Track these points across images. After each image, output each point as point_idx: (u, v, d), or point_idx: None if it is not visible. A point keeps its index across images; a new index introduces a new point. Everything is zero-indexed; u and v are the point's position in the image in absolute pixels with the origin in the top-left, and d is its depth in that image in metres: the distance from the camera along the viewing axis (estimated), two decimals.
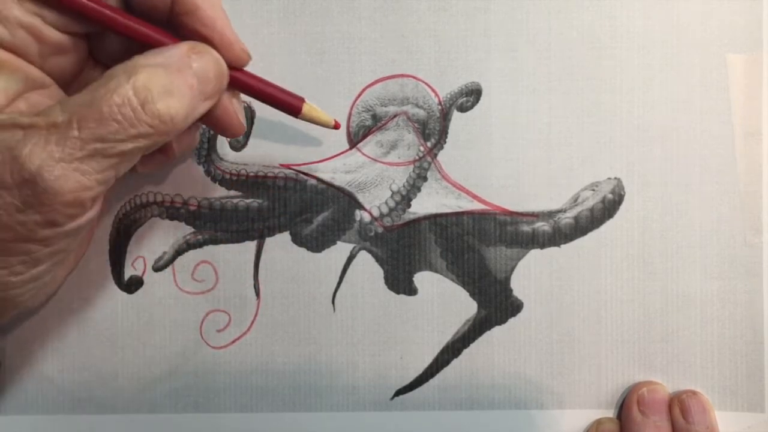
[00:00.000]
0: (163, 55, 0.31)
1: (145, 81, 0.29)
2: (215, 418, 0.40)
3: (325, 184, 0.40)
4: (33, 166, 0.28)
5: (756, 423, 0.40)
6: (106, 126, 0.29)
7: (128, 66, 0.30)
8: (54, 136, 0.28)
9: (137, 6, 0.32)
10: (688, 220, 0.40)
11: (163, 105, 0.30)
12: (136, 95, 0.29)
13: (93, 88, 0.29)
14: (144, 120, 0.29)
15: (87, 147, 0.29)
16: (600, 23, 0.40)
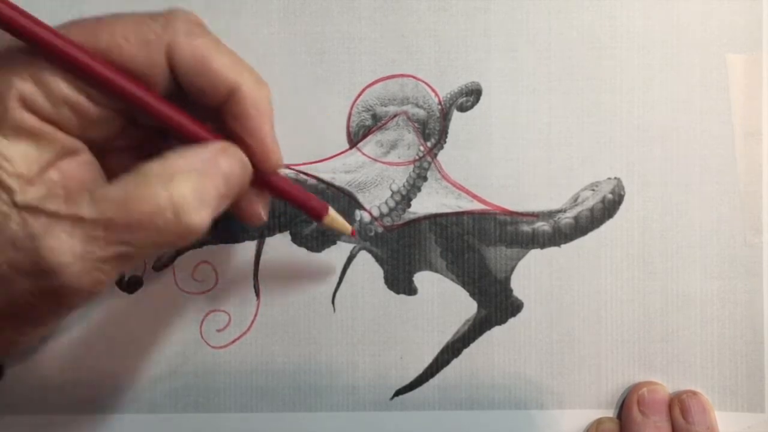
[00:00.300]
0: (198, 156, 0.30)
1: (182, 192, 0.29)
2: (215, 418, 0.40)
3: (325, 184, 0.40)
4: (53, 261, 0.27)
5: (756, 423, 0.40)
6: (135, 233, 0.28)
7: (165, 171, 0.29)
8: (79, 231, 0.28)
9: (187, 87, 0.31)
10: (688, 220, 0.40)
11: (197, 217, 0.29)
12: (171, 207, 0.29)
13: (125, 187, 0.29)
14: (174, 231, 0.29)
15: (110, 248, 0.28)
16: (600, 23, 0.40)
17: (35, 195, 0.28)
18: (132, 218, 0.28)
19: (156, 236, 0.29)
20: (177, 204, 0.29)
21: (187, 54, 0.30)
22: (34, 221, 0.28)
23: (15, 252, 0.27)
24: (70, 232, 0.28)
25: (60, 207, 0.28)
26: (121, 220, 0.28)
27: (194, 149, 0.30)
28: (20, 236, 0.27)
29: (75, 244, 0.28)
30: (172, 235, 0.29)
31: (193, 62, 0.30)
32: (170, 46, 0.30)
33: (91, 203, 0.28)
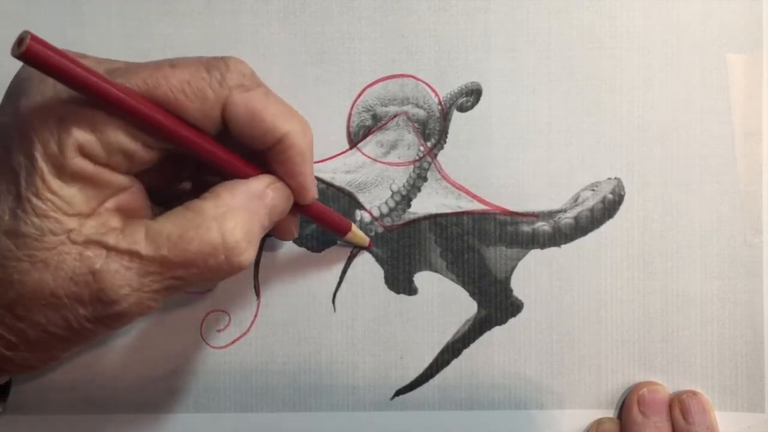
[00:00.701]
0: (246, 192, 0.32)
1: (234, 236, 0.31)
2: (215, 418, 0.40)
3: (325, 184, 0.40)
4: (112, 294, 0.29)
5: (756, 423, 0.40)
6: (187, 270, 0.30)
7: (218, 210, 0.31)
8: (135, 266, 0.29)
9: (237, 134, 0.32)
10: (688, 220, 0.40)
11: (245, 257, 0.31)
12: (223, 249, 0.30)
13: (180, 225, 0.30)
14: (224, 270, 0.31)
15: (164, 282, 0.30)
16: (600, 23, 0.40)
17: (93, 230, 0.29)
18: (186, 258, 0.30)
19: (206, 273, 0.31)
20: (229, 246, 0.30)
21: (241, 108, 0.31)
22: (93, 255, 0.29)
23: (75, 285, 0.29)
24: (128, 266, 0.29)
25: (118, 241, 0.29)
26: (176, 259, 0.30)
27: (242, 185, 0.32)
28: (79, 271, 0.29)
29: (132, 277, 0.30)
30: (221, 272, 0.31)
31: (245, 115, 0.31)
32: (225, 102, 0.31)
33: (147, 240, 0.30)
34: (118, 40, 0.40)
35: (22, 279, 0.29)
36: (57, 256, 0.29)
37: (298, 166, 0.33)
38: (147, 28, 0.40)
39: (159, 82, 0.30)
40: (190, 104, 0.30)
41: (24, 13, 0.40)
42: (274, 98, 0.32)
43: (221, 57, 0.32)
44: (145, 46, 0.40)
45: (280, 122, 0.32)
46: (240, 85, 0.31)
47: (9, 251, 0.29)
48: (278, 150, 0.32)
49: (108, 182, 0.30)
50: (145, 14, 0.40)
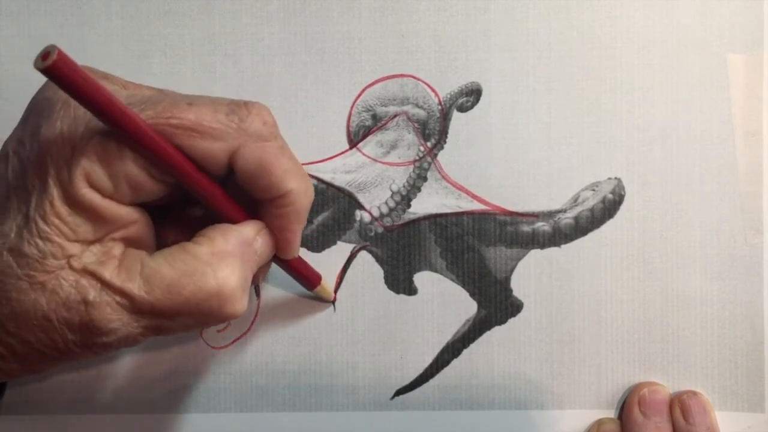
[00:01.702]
0: (239, 238, 0.32)
1: (229, 280, 0.31)
2: (215, 418, 0.40)
3: (325, 184, 0.40)
4: (102, 326, 0.30)
5: (756, 423, 0.40)
6: (179, 313, 0.31)
7: (213, 257, 0.31)
8: (128, 303, 0.30)
9: (240, 179, 0.32)
10: (688, 220, 0.40)
11: (239, 305, 0.31)
12: (217, 298, 0.31)
13: (176, 268, 0.30)
14: (215, 317, 0.31)
15: (154, 321, 0.31)
16: (600, 23, 0.40)
17: (92, 259, 0.30)
18: (179, 302, 0.30)
19: (197, 318, 0.31)
20: (224, 295, 0.31)
21: (253, 159, 0.31)
22: (88, 286, 0.29)
23: (67, 311, 0.29)
24: (120, 302, 0.30)
25: (113, 276, 0.30)
26: (168, 302, 0.30)
27: (234, 230, 0.32)
28: (73, 299, 0.29)
29: (122, 313, 0.30)
30: (212, 320, 0.31)
31: (256, 166, 0.31)
32: (238, 148, 0.31)
33: (143, 279, 0.30)
34: (118, 40, 0.40)
35: (19, 297, 0.29)
36: (55, 280, 0.29)
37: (291, 224, 0.33)
38: (147, 28, 0.40)
39: (174, 115, 0.30)
40: (200, 143, 0.30)
41: (24, 13, 0.40)
42: (288, 154, 0.32)
43: (245, 102, 0.31)
44: (145, 46, 0.40)
45: (287, 179, 0.32)
46: (257, 134, 0.31)
47: (10, 268, 0.29)
48: (277, 204, 0.32)
49: (114, 215, 0.30)
50: (145, 14, 0.40)
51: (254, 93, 0.40)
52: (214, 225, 0.32)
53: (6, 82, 0.40)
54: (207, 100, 0.31)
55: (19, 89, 0.40)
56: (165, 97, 0.31)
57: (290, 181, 0.32)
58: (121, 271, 0.30)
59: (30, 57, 0.39)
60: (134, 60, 0.40)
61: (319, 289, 0.39)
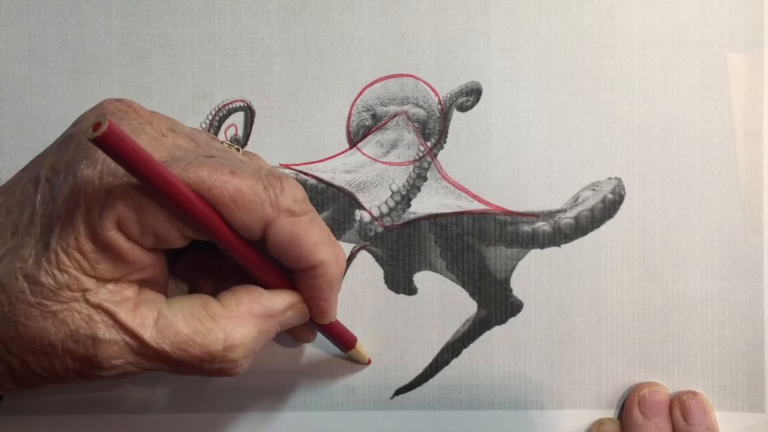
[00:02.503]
0: (269, 306, 0.33)
1: (237, 349, 0.32)
2: (215, 418, 0.40)
3: (325, 184, 0.40)
4: (104, 362, 0.30)
5: (756, 423, 0.40)
6: (181, 366, 0.31)
7: (232, 319, 0.32)
8: (136, 345, 0.31)
9: (272, 250, 0.32)
10: (688, 220, 0.40)
11: (239, 370, 0.33)
12: (221, 359, 0.31)
13: (192, 326, 0.31)
14: (213, 374, 0.32)
15: (155, 366, 0.31)
16: (600, 23, 0.40)
17: (107, 297, 0.30)
18: (184, 358, 0.31)
19: (194, 372, 0.32)
20: (227, 360, 0.32)
21: (285, 232, 0.31)
22: (100, 323, 0.30)
23: (74, 343, 0.30)
24: (129, 343, 0.30)
25: (128, 318, 0.30)
26: (175, 356, 0.31)
27: (265, 299, 0.33)
28: (83, 332, 0.30)
29: (128, 353, 0.31)
30: (207, 374, 0.32)
31: (287, 240, 0.32)
32: (272, 222, 0.31)
33: (156, 328, 0.31)
34: (118, 40, 0.40)
35: (27, 323, 0.29)
36: (67, 311, 0.30)
37: (325, 293, 0.34)
38: (147, 28, 0.40)
39: (216, 183, 0.30)
40: (238, 213, 0.30)
41: (24, 13, 0.40)
42: (318, 226, 0.33)
43: (279, 176, 0.32)
44: (145, 46, 0.40)
45: (318, 251, 0.32)
46: (289, 210, 0.31)
47: (23, 294, 0.29)
48: (309, 275, 0.33)
49: (137, 259, 0.30)
50: (145, 14, 0.40)
51: (254, 93, 0.40)
52: (248, 286, 0.33)
53: (6, 82, 0.40)
54: (247, 171, 0.31)
55: (20, 89, 0.40)
56: (207, 159, 0.31)
57: (320, 252, 0.32)
58: (137, 315, 0.30)
59: (30, 57, 0.40)
60: (134, 60, 0.40)
61: (354, 352, 0.39)
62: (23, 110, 0.40)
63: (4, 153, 0.40)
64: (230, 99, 0.40)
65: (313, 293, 0.34)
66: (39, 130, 0.40)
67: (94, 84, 0.40)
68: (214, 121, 0.40)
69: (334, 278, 0.33)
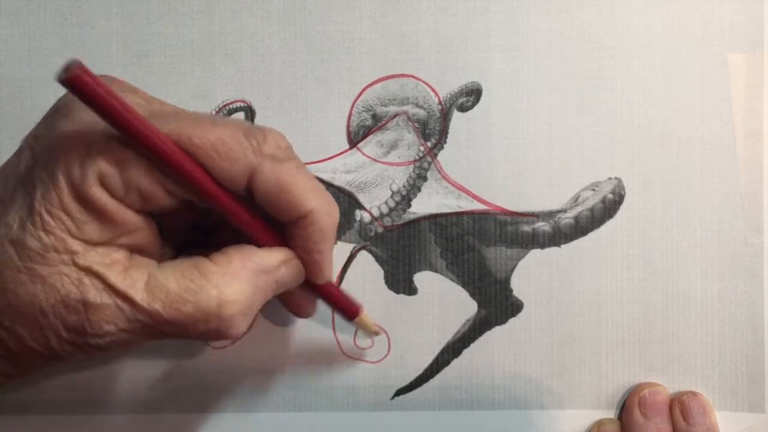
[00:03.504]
0: (261, 262, 0.32)
1: (232, 306, 0.31)
2: (215, 418, 0.40)
3: (325, 184, 0.40)
4: (98, 329, 0.30)
5: (756, 423, 0.40)
6: (176, 327, 0.30)
7: (224, 278, 0.31)
8: (127, 308, 0.30)
9: (261, 202, 0.32)
10: (688, 220, 0.40)
11: (236, 330, 0.31)
12: (217, 319, 0.30)
13: (181, 284, 0.30)
14: (212, 336, 0.31)
15: (149, 331, 0.31)
16: (600, 23, 0.40)
17: (97, 260, 0.29)
18: (177, 317, 0.30)
19: (192, 335, 0.31)
20: (223, 318, 0.31)
21: (271, 179, 0.31)
22: (90, 286, 0.29)
23: (65, 309, 0.29)
24: (120, 306, 0.30)
25: (118, 280, 0.30)
26: (167, 315, 0.30)
27: (257, 256, 0.32)
28: (73, 297, 0.29)
29: (120, 317, 0.30)
30: (208, 337, 0.32)
31: (274, 187, 0.31)
32: (256, 169, 0.31)
33: (147, 289, 0.30)
34: (118, 40, 0.40)
35: (17, 290, 0.29)
36: (56, 275, 0.29)
37: (318, 245, 0.33)
38: (147, 28, 0.40)
39: (197, 133, 0.30)
40: (220, 163, 0.30)
41: (24, 13, 0.40)
42: (305, 173, 0.32)
43: (261, 126, 0.32)
44: (145, 46, 0.40)
45: (307, 198, 0.32)
46: (273, 156, 0.31)
47: (10, 260, 0.29)
48: (301, 225, 0.32)
49: (123, 219, 0.30)
50: (145, 14, 0.40)
51: (254, 93, 0.40)
52: (239, 245, 0.32)
53: (6, 82, 0.40)
54: (228, 122, 0.31)
55: (20, 89, 0.40)
56: (188, 114, 0.31)
57: (311, 199, 0.32)
58: (127, 277, 0.30)
59: (30, 57, 0.40)
60: (134, 60, 0.40)
61: (359, 321, 0.38)
62: (23, 110, 0.40)
63: (3, 153, 0.40)
64: (230, 99, 0.40)
65: (306, 246, 0.33)
66: None
67: None
68: None
69: (326, 228, 0.32)
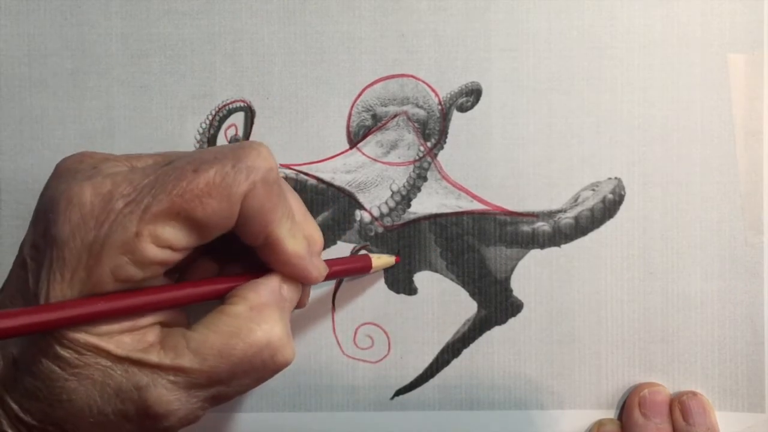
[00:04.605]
0: (268, 286, 0.32)
1: (274, 330, 0.31)
2: (215, 418, 0.40)
3: (325, 184, 0.40)
4: (161, 410, 0.29)
5: (756, 423, 0.40)
6: (235, 374, 0.31)
7: (253, 311, 0.31)
8: (182, 380, 0.30)
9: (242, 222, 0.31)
10: (688, 220, 0.40)
11: (288, 352, 0.32)
12: (269, 347, 0.31)
13: (221, 332, 0.30)
14: (270, 369, 0.32)
15: (212, 391, 0.30)
16: (600, 23, 0.40)
17: (131, 347, 0.29)
18: (233, 363, 0.30)
19: (252, 374, 0.31)
20: (274, 345, 0.31)
21: (255, 206, 0.31)
22: (139, 372, 0.29)
23: (121, 402, 0.29)
24: (174, 380, 0.30)
25: (161, 358, 0.29)
26: (222, 367, 0.30)
27: (261, 284, 0.32)
28: (125, 387, 0.29)
29: (179, 391, 0.30)
30: (267, 372, 0.32)
31: (257, 215, 0.31)
32: (247, 194, 0.30)
33: (191, 352, 0.30)
34: (118, 40, 0.40)
35: (70, 398, 0.29)
36: (102, 371, 0.29)
37: (293, 258, 0.33)
38: (147, 28, 0.40)
39: (184, 190, 0.29)
40: (216, 205, 0.30)
41: (24, 13, 0.40)
42: (288, 194, 0.33)
43: (247, 144, 0.31)
44: (145, 46, 0.40)
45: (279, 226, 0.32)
46: (264, 180, 0.31)
47: (53, 373, 0.29)
48: (269, 250, 0.32)
49: None
50: (145, 14, 0.40)
51: (254, 93, 0.40)
52: (240, 286, 0.32)
53: (6, 82, 0.40)
54: (209, 161, 0.30)
55: (20, 89, 0.40)
56: (170, 171, 0.30)
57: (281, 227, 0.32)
58: (168, 351, 0.30)
59: (30, 57, 0.40)
60: (134, 60, 0.40)
61: (376, 267, 0.39)
62: (23, 110, 0.40)
63: (3, 153, 0.40)
64: (230, 99, 0.40)
65: (282, 259, 0.33)
66: (39, 130, 0.40)
67: (94, 84, 0.40)
68: (214, 121, 0.40)
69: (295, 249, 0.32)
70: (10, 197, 0.40)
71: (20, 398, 0.29)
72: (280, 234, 0.32)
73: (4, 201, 0.40)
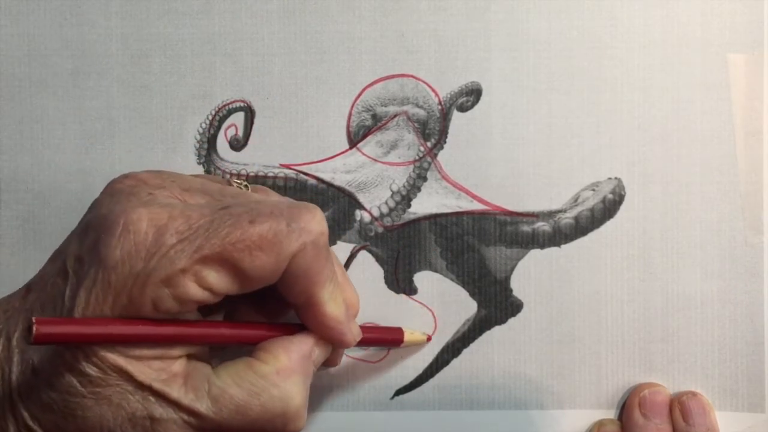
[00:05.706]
0: (300, 350, 0.33)
1: (294, 400, 0.32)
2: None
3: (325, 184, 0.40)
4: None
5: (756, 423, 0.40)
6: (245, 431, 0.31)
7: (278, 373, 0.31)
8: (194, 422, 0.30)
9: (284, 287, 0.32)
10: (688, 220, 0.40)
11: (301, 423, 0.32)
12: (284, 417, 0.31)
13: (245, 388, 0.31)
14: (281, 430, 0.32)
15: None
16: (600, 23, 0.40)
17: (155, 376, 0.30)
18: (245, 422, 0.31)
19: None
20: (290, 416, 0.32)
21: (302, 267, 0.31)
22: (155, 402, 0.30)
23: (132, 428, 0.30)
24: (188, 421, 0.30)
25: (181, 396, 0.30)
26: (235, 422, 0.31)
27: (295, 345, 0.33)
28: (139, 414, 0.30)
29: (188, 431, 0.30)
30: None
31: (301, 277, 0.31)
32: (297, 253, 0.31)
33: (210, 399, 0.30)
34: (118, 40, 0.40)
35: (84, 414, 0.29)
36: (121, 394, 0.29)
37: (332, 322, 0.33)
38: (147, 28, 0.40)
39: (237, 239, 0.30)
40: (265, 259, 0.30)
41: (24, 13, 0.40)
42: (333, 261, 0.33)
43: (303, 205, 0.32)
44: (145, 46, 0.40)
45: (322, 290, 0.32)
46: (314, 243, 0.31)
47: (73, 388, 0.29)
48: (313, 312, 0.33)
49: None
50: (145, 14, 0.40)
51: (254, 93, 0.40)
52: (274, 339, 0.33)
53: (6, 82, 0.40)
54: (266, 215, 0.30)
55: (20, 89, 0.40)
56: (226, 218, 0.30)
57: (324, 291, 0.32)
58: (189, 390, 0.30)
59: (30, 57, 0.40)
60: (134, 60, 0.40)
61: (407, 342, 0.39)
62: (23, 110, 0.40)
63: (3, 153, 0.40)
64: (230, 99, 0.40)
65: (323, 322, 0.33)
66: (39, 130, 0.40)
67: (94, 84, 0.40)
68: (214, 121, 0.40)
69: (335, 314, 0.33)
70: (10, 197, 0.40)
71: (33, 407, 0.30)
72: (322, 297, 0.32)
73: (4, 201, 0.40)
